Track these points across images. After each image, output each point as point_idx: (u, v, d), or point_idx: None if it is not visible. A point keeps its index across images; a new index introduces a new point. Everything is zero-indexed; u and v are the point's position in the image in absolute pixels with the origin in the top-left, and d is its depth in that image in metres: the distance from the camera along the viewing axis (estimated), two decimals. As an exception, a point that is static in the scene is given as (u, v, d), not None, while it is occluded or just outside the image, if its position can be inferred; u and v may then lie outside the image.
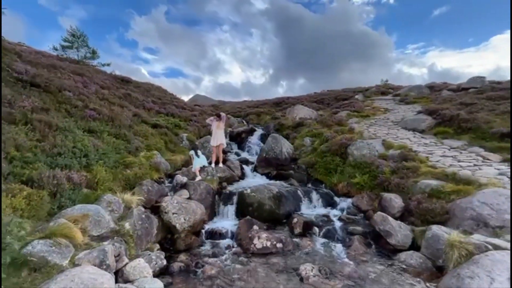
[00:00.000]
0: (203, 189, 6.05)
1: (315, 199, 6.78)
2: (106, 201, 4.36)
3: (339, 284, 3.47)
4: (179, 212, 4.91)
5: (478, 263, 3.23)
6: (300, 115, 14.81)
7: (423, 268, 3.86)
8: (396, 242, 4.49)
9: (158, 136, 8.75)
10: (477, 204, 4.36)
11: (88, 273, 2.44)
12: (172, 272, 3.79)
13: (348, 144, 7.82)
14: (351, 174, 7.20)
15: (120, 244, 3.52)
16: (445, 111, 9.52)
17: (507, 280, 2.87)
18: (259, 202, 5.98)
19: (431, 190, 5.23)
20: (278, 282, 3.52)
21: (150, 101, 12.49)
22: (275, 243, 4.67)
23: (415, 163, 6.32)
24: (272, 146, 9.40)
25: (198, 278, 3.65)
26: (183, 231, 4.84)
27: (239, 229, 5.15)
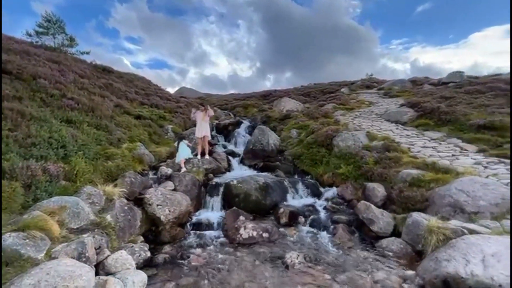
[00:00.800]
0: (189, 180, 5.96)
1: (301, 189, 6.85)
2: (86, 193, 4.20)
3: (324, 270, 3.53)
4: (163, 204, 4.80)
5: (455, 246, 3.37)
6: (287, 108, 14.83)
7: (404, 253, 4.00)
8: (379, 229, 4.62)
9: (141, 128, 8.49)
10: (454, 192, 4.55)
11: (66, 265, 2.33)
12: (157, 264, 3.72)
13: (334, 135, 7.92)
14: (336, 165, 7.32)
15: (101, 237, 3.40)
16: (426, 104, 9.81)
17: (481, 262, 3.01)
18: (245, 193, 5.97)
19: (412, 179, 5.40)
20: (264, 271, 3.54)
21: (133, 91, 12.07)
22: (261, 233, 4.69)
23: (397, 154, 6.50)
24: (259, 138, 9.37)
25: (184, 269, 3.61)
26: (168, 223, 4.75)
27: (225, 220, 5.13)
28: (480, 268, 2.93)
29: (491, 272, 2.84)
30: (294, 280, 3.28)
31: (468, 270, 2.94)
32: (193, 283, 3.23)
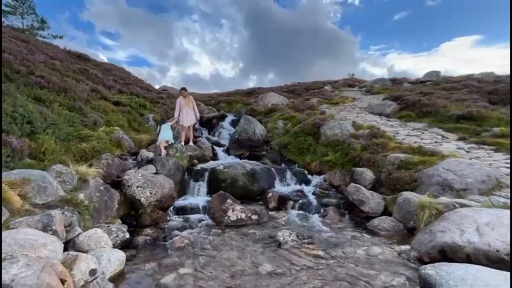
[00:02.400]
0: (172, 164, 5.60)
1: (289, 177, 6.70)
2: (56, 172, 3.76)
3: (317, 246, 3.36)
4: (144, 186, 4.43)
5: (448, 219, 3.33)
6: (272, 102, 14.71)
7: (395, 230, 3.94)
8: (369, 209, 4.55)
9: (120, 114, 7.96)
10: (442, 171, 4.58)
11: (26, 234, 1.97)
12: (137, 245, 3.37)
13: (321, 124, 7.86)
14: (324, 153, 7.25)
15: (71, 214, 3.01)
16: (408, 97, 10.08)
17: (476, 231, 2.98)
18: (232, 178, 5.71)
19: (400, 162, 5.41)
20: (255, 249, 3.31)
21: (111, 80, 11.39)
22: (250, 215, 4.46)
23: (384, 140, 6.54)
24: (245, 127, 9.14)
25: (167, 250, 3.29)
26: (149, 206, 4.38)
27: (211, 203, 4.83)
28: (476, 237, 2.89)
29: (487, 239, 2.81)
30: (287, 257, 3.08)
31: (465, 239, 2.89)
32: (178, 263, 2.92)
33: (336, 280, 2.55)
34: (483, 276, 2.07)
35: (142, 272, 2.72)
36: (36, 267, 1.59)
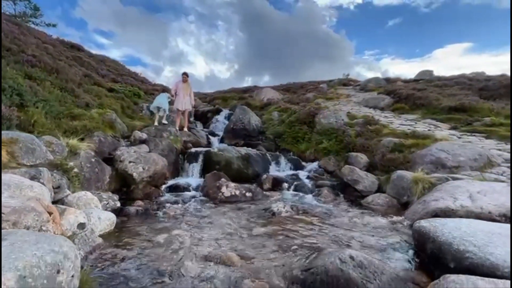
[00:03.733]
0: (165, 145, 5.53)
1: (283, 163, 6.69)
2: (45, 141, 3.65)
3: (312, 217, 3.34)
4: (137, 161, 4.36)
5: (441, 189, 3.36)
6: (267, 97, 14.74)
7: (389, 205, 3.95)
8: (363, 188, 4.56)
9: (113, 99, 7.85)
10: (435, 151, 4.63)
11: (11, 177, 1.90)
12: (128, 214, 3.29)
13: (316, 113, 7.90)
14: (318, 141, 7.27)
15: (61, 177, 2.93)
16: (401, 91, 10.20)
17: (468, 198, 3.01)
18: (226, 161, 5.66)
19: (394, 145, 5.46)
20: (249, 218, 3.27)
21: (105, 69, 11.25)
22: (244, 192, 4.42)
23: (378, 126, 6.59)
24: (240, 117, 9.11)
25: (159, 218, 3.22)
26: (142, 182, 4.31)
27: (205, 182, 4.78)
28: (468, 202, 2.91)
29: (479, 203, 2.83)
30: (282, 225, 3.05)
31: (457, 204, 2.91)
32: (170, 226, 2.86)
33: (329, 241, 2.53)
34: (476, 224, 2.08)
35: (134, 232, 2.65)
36: (21, 198, 1.52)
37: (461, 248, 1.73)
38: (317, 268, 1.71)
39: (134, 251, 2.17)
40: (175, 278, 1.74)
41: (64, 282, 1.05)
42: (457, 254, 1.71)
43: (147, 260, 2.01)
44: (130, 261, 1.99)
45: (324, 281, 1.64)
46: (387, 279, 1.65)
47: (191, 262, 1.96)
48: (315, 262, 1.82)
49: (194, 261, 1.97)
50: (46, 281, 0.97)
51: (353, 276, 1.60)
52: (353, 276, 1.60)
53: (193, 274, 1.78)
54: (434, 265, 1.92)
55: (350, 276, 1.60)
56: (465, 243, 1.76)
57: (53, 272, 1.01)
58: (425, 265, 2.01)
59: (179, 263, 1.94)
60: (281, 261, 2.02)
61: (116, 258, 2.03)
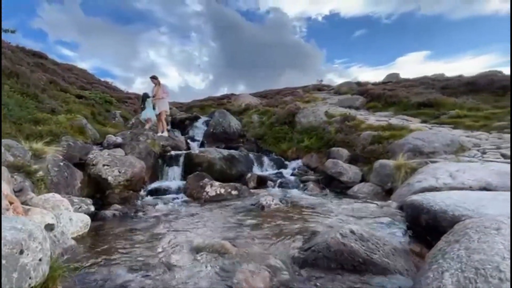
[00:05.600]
0: (143, 148, 5.22)
1: (267, 162, 6.63)
2: (4, 144, 3.26)
3: (301, 208, 3.27)
4: (112, 164, 4.04)
5: (423, 172, 3.46)
6: (245, 102, 14.74)
7: (374, 193, 4.01)
8: (348, 179, 4.61)
9: (82, 106, 7.36)
10: (412, 140, 4.82)
11: (-38, 170, 1.61)
12: (104, 218, 2.99)
13: (296, 112, 8.00)
14: (300, 140, 7.33)
15: (23, 179, 2.60)
16: (373, 91, 10.70)
17: (449, 176, 3.12)
18: (209, 162, 5.47)
19: (373, 137, 5.63)
20: (237, 213, 3.12)
21: (73, 77, 10.60)
22: (229, 190, 4.26)
23: (356, 122, 6.79)
24: (220, 120, 8.97)
25: (140, 219, 2.96)
26: (118, 187, 3.99)
27: (188, 183, 4.55)
28: (450, 180, 3.02)
29: (460, 180, 2.94)
30: (272, 216, 2.93)
31: (440, 182, 3.00)
32: (152, 226, 2.63)
33: (323, 226, 2.46)
34: (464, 194, 2.13)
35: (112, 234, 2.39)
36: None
37: (456, 213, 1.74)
38: (318, 245, 1.62)
39: (114, 250, 1.93)
40: (163, 271, 1.55)
41: (29, 265, 0.86)
42: (453, 219, 1.71)
43: (129, 257, 1.79)
44: (109, 258, 1.76)
45: (327, 257, 1.55)
46: (389, 250, 1.60)
47: (180, 255, 1.78)
48: (314, 241, 1.73)
49: (184, 253, 1.79)
50: (5, 262, 0.78)
51: (356, 249, 1.53)
52: (356, 249, 1.53)
53: (184, 265, 1.61)
54: (431, 235, 1.91)
55: (353, 249, 1.53)
56: (459, 208, 1.78)
57: (15, 252, 0.82)
58: (421, 238, 2.00)
59: (166, 257, 1.75)
60: (277, 246, 1.91)
61: (93, 257, 1.79)
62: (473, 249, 0.80)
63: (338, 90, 17.94)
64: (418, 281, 0.98)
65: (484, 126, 6.17)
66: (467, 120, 6.77)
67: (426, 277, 0.86)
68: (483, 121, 6.45)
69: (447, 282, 0.72)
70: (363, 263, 1.48)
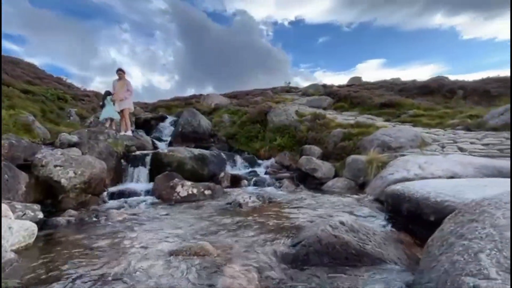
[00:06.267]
0: (103, 148, 4.72)
1: (239, 162, 6.45)
2: None
3: (279, 204, 3.17)
4: (65, 165, 3.54)
5: (394, 165, 3.58)
6: (215, 102, 14.41)
7: (348, 187, 4.07)
8: (322, 175, 4.64)
9: (30, 102, 6.49)
10: (380, 136, 5.03)
11: None
12: (56, 225, 2.56)
13: (268, 111, 7.95)
14: (272, 138, 7.30)
15: None
16: (340, 92, 11.14)
17: (419, 168, 3.25)
18: (179, 162, 5.13)
19: (343, 135, 5.78)
20: (215, 213, 2.90)
21: (19, 71, 9.37)
22: (202, 190, 4.00)
23: (326, 120, 6.94)
24: (189, 119, 8.58)
25: (101, 224, 2.59)
26: (73, 190, 3.50)
27: (156, 184, 4.19)
28: (419, 171, 3.14)
29: (429, 170, 3.08)
30: (251, 214, 2.78)
31: (411, 173, 3.11)
32: (117, 231, 2.30)
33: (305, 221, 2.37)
34: (440, 182, 2.19)
35: (66, 243, 2.03)
36: None
37: (438, 199, 1.75)
38: (309, 239, 1.50)
39: (67, 262, 1.61)
40: (130, 282, 1.31)
41: None
42: (437, 205, 1.72)
43: (87, 268, 1.49)
44: (60, 271, 1.45)
45: (318, 251, 1.44)
46: (380, 240, 1.55)
47: (151, 261, 1.53)
48: (303, 235, 1.61)
49: (156, 259, 1.55)
50: None
51: (348, 240, 1.44)
52: (348, 240, 1.44)
53: (156, 273, 1.37)
54: (413, 224, 1.91)
55: (346, 240, 1.44)
56: (440, 194, 1.80)
57: None
58: (403, 227, 2.00)
59: (135, 265, 1.49)
60: (262, 244, 1.75)
61: (38, 272, 1.46)
62: (503, 226, 0.75)
63: (305, 92, 18.45)
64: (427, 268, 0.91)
65: (439, 124, 6.72)
66: (424, 119, 7.33)
67: (441, 261, 0.80)
68: (438, 120, 7.03)
69: (487, 264, 0.65)
70: (356, 255, 1.39)
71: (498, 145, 4.31)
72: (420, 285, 0.90)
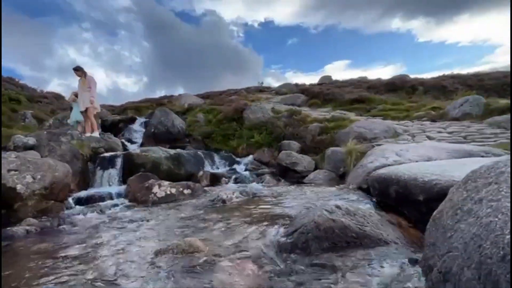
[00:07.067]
0: (66, 150, 4.28)
1: (218, 160, 6.28)
2: None
3: (263, 198, 3.07)
4: (22, 169, 3.12)
5: (372, 154, 3.67)
6: (188, 102, 13.97)
7: (330, 178, 4.11)
8: (303, 168, 4.64)
9: (-26, 103, 5.71)
10: (356, 128, 5.18)
11: None
12: (12, 236, 2.21)
13: (244, 108, 7.86)
14: (249, 136, 7.20)
15: None
16: (313, 89, 11.41)
17: (396, 155, 3.36)
18: (153, 162, 4.83)
19: (320, 129, 5.87)
20: (197, 211, 2.73)
21: (-44, 69, 8.24)
22: (181, 189, 3.77)
23: (302, 116, 7.02)
24: (162, 119, 8.18)
25: (68, 231, 2.30)
26: (32, 197, 3.09)
27: (129, 186, 3.88)
28: (397, 157, 3.24)
29: (406, 157, 3.19)
30: (237, 209, 2.65)
31: (391, 160, 3.19)
32: (88, 238, 2.03)
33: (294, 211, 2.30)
34: (423, 164, 2.25)
35: (24, 255, 1.74)
36: None
37: (426, 179, 1.78)
38: (306, 226, 1.42)
39: (29, 273, 1.36)
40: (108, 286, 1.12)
41: None
42: (425, 184, 1.74)
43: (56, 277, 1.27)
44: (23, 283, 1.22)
45: (318, 237, 1.36)
46: (377, 221, 1.52)
47: (134, 264, 1.35)
48: (299, 222, 1.53)
49: (140, 261, 1.37)
50: None
51: (347, 224, 1.39)
52: (347, 224, 1.39)
53: (139, 275, 1.20)
54: (402, 205, 1.93)
55: (345, 224, 1.39)
56: (427, 174, 1.83)
57: None
58: (392, 209, 2.01)
59: (113, 270, 1.30)
60: (255, 236, 1.64)
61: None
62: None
63: (279, 91, 18.65)
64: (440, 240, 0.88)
65: (406, 116, 7.12)
66: (392, 113, 7.73)
67: (462, 229, 0.77)
68: (405, 113, 7.46)
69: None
70: (357, 237, 1.35)
71: (462, 132, 4.66)
72: (437, 257, 0.86)
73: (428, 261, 0.94)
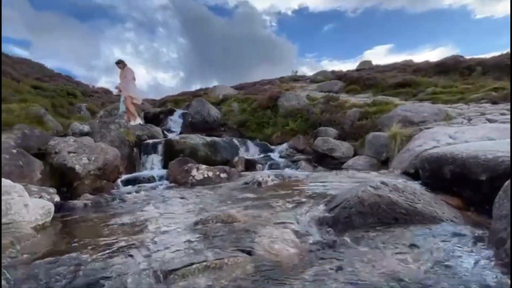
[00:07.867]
0: (115, 136, 4.66)
1: (252, 147, 6.32)
2: None
3: (299, 181, 3.00)
4: (79, 151, 3.48)
5: (421, 137, 3.36)
6: (223, 93, 14.25)
7: (371, 164, 3.86)
8: (341, 154, 4.44)
9: (40, 97, 6.49)
10: (400, 112, 4.78)
11: None
12: (73, 208, 2.49)
13: (278, 96, 7.74)
14: (284, 123, 7.10)
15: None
16: (351, 75, 10.77)
17: (449, 138, 3.02)
18: (191, 148, 5.03)
19: (360, 114, 5.53)
20: (234, 192, 2.78)
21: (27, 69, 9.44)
22: (218, 173, 3.87)
23: (340, 101, 6.69)
24: (199, 109, 8.47)
25: (119, 205, 2.51)
26: (88, 177, 3.45)
27: (170, 170, 4.10)
28: (451, 140, 2.91)
29: (462, 139, 2.85)
30: (273, 190, 2.63)
31: (443, 143, 2.88)
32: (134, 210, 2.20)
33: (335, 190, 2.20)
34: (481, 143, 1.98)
35: (83, 221, 1.94)
36: None
37: (490, 155, 1.55)
38: (349, 201, 1.34)
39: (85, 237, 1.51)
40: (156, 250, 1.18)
41: None
42: (489, 162, 1.52)
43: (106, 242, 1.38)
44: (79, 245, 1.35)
45: (362, 212, 1.27)
46: (429, 199, 1.37)
47: (177, 232, 1.41)
48: (341, 198, 1.45)
49: (181, 229, 1.43)
50: None
51: (395, 199, 1.27)
52: (395, 199, 1.27)
53: (182, 240, 1.25)
54: (458, 186, 1.72)
55: (392, 200, 1.27)
56: (491, 151, 1.59)
57: None
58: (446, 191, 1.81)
59: (159, 236, 1.37)
60: (293, 211, 1.60)
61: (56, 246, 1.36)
62: None
63: (314, 79, 18.02)
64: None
65: (461, 99, 6.35)
66: (443, 96, 6.95)
67: None
68: (459, 95, 6.65)
69: None
70: (406, 214, 1.23)
71: (532, 114, 4.00)
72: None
73: (499, 234, 0.82)
